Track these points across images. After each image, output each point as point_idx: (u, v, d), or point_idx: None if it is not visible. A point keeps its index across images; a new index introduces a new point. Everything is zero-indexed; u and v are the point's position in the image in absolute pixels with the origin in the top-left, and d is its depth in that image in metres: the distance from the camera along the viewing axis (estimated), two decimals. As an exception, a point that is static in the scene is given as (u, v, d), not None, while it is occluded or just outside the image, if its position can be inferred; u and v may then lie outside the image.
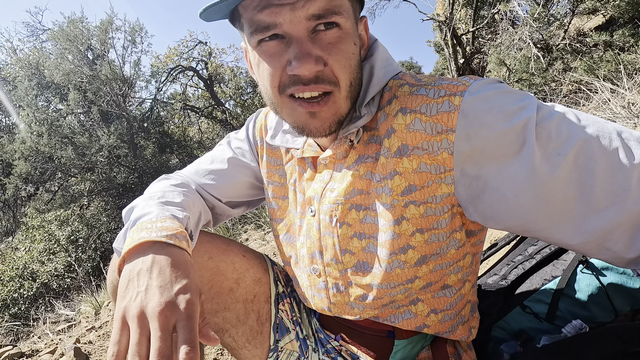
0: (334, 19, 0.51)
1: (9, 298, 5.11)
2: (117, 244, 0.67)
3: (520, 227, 0.53)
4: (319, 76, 0.53)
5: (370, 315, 0.68)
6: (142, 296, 0.48)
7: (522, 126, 0.49)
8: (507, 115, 0.49)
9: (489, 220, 0.55)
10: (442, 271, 0.64)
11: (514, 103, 0.50)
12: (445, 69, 12.21)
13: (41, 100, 9.58)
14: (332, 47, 0.53)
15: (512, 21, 7.30)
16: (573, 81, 5.12)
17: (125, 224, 0.68)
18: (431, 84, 0.55)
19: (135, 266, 0.52)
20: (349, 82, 0.55)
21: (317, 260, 0.69)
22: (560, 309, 0.81)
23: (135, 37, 10.25)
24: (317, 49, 0.52)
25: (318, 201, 0.66)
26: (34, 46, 10.52)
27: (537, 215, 0.51)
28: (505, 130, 0.49)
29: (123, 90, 9.71)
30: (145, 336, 0.46)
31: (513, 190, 0.50)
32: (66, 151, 8.87)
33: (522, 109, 0.50)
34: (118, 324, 0.47)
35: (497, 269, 0.99)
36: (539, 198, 0.49)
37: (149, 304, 0.47)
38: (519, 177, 0.50)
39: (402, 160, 0.56)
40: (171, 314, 0.47)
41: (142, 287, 0.49)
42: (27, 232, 6.77)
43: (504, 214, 0.53)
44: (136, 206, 0.67)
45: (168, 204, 0.66)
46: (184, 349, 0.44)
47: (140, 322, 0.46)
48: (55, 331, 2.86)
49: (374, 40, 0.64)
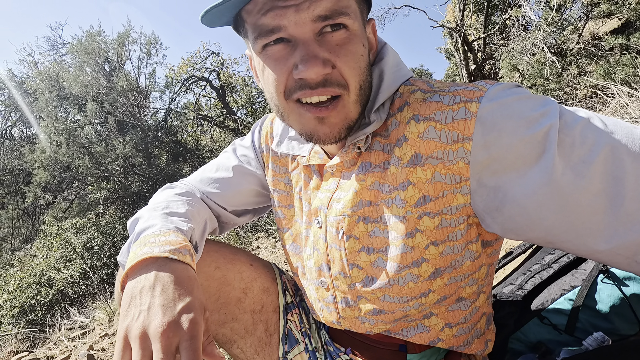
0: (341, 20, 0.50)
1: (27, 304, 5.21)
2: (121, 258, 0.66)
3: (543, 239, 0.50)
4: (327, 79, 0.51)
5: (381, 330, 0.66)
6: (144, 315, 0.47)
7: (543, 134, 0.46)
8: (528, 122, 0.47)
9: (509, 232, 0.52)
10: (457, 284, 0.61)
11: (534, 109, 0.48)
12: (457, 75, 12.13)
13: (60, 111, 9.88)
14: (340, 48, 0.51)
15: (524, 26, 7.22)
16: (589, 86, 5.01)
17: (130, 235, 0.67)
18: (445, 90, 0.53)
19: (137, 283, 0.51)
20: (359, 85, 0.53)
21: (324, 273, 0.67)
22: (580, 320, 0.78)
23: (151, 49, 10.52)
24: (324, 51, 0.50)
25: (324, 212, 0.64)
26: (54, 59, 10.90)
27: (562, 228, 0.48)
28: (526, 138, 0.47)
29: (138, 100, 9.95)
30: (148, 357, 0.45)
31: (534, 201, 0.48)
32: (83, 160, 9.10)
33: (543, 115, 0.47)
34: (120, 344, 0.47)
35: (513, 279, 0.96)
36: (563, 209, 0.47)
37: (151, 324, 0.46)
38: (540, 187, 0.47)
39: (415, 169, 0.54)
40: (174, 334, 0.46)
41: (145, 305, 0.49)
42: (45, 239, 6.93)
43: (525, 226, 0.50)
44: (140, 217, 0.67)
45: (172, 214, 0.66)
46: None
47: (143, 343, 0.46)
48: (70, 338, 2.90)
49: (383, 44, 0.63)
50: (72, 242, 6.61)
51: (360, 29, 0.53)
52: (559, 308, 0.82)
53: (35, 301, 5.28)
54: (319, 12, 0.48)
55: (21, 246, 10.84)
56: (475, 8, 8.28)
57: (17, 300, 5.24)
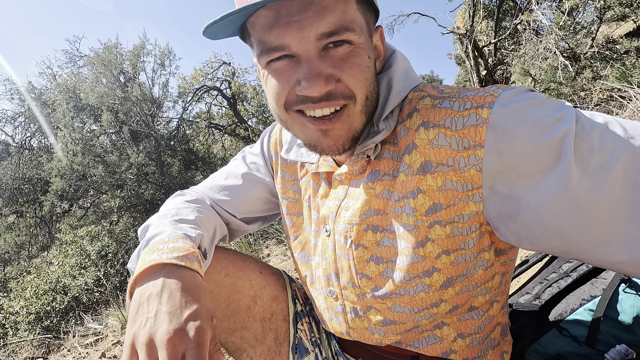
0: (346, 37, 0.49)
1: (42, 311, 5.30)
2: (131, 265, 0.67)
3: (560, 248, 0.48)
4: (332, 93, 0.50)
5: (392, 341, 0.64)
6: (151, 322, 0.47)
7: (559, 140, 0.44)
8: (542, 128, 0.45)
9: (524, 241, 0.50)
10: (469, 293, 0.60)
11: (549, 114, 0.46)
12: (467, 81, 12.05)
13: (77, 122, 10.15)
14: (344, 62, 0.50)
15: (535, 31, 7.15)
16: (604, 89, 4.91)
17: (140, 242, 0.68)
18: (455, 96, 0.52)
19: (145, 290, 0.52)
20: (365, 96, 0.53)
21: (333, 283, 0.66)
22: (601, 332, 0.75)
23: (165, 61, 10.77)
24: (328, 66, 0.49)
25: (333, 220, 0.63)
26: (72, 72, 11.25)
27: (579, 237, 0.46)
28: (540, 144, 0.45)
29: (152, 110, 10.16)
30: None
31: (550, 209, 0.46)
32: (98, 169, 9.31)
33: (558, 120, 0.45)
34: (127, 351, 0.47)
35: (529, 288, 0.93)
36: (580, 218, 0.45)
37: (158, 331, 0.46)
38: (556, 195, 0.45)
39: (425, 177, 0.53)
40: (180, 342, 0.46)
41: (152, 312, 0.49)
42: (60, 247, 7.07)
43: (540, 235, 0.48)
44: (150, 225, 0.67)
45: (181, 221, 0.66)
46: None
47: (149, 350, 0.46)
48: (83, 344, 2.93)
49: (392, 51, 0.62)
50: (87, 250, 6.73)
51: (366, 41, 0.52)
52: (578, 319, 0.79)
53: (50, 308, 5.37)
54: (323, 30, 0.47)
55: (38, 253, 11.09)
56: (486, 14, 8.24)
57: (33, 307, 5.34)
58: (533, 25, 7.00)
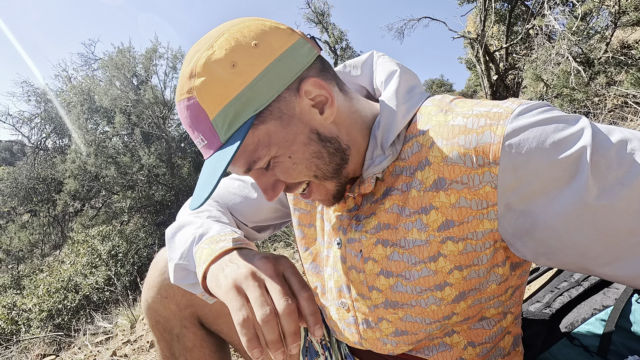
0: (258, 166, 0.53)
1: (54, 309, 5.40)
2: (181, 260, 0.66)
3: (577, 264, 0.48)
4: (288, 186, 0.57)
5: (404, 351, 0.65)
6: (245, 264, 0.51)
7: (576, 156, 0.44)
8: (558, 145, 0.44)
9: (541, 257, 0.50)
10: (481, 305, 0.60)
11: (565, 130, 0.45)
12: (478, 85, 11.97)
13: (90, 123, 10.38)
14: (276, 172, 0.54)
15: (548, 36, 7.08)
16: (619, 95, 4.83)
17: (167, 243, 0.69)
18: (468, 112, 0.51)
19: (222, 261, 0.55)
20: (315, 175, 0.56)
21: (345, 295, 0.66)
22: (614, 342, 0.74)
23: (176, 64, 10.95)
24: (270, 176, 0.56)
25: (344, 233, 0.64)
26: (87, 74, 11.51)
27: (596, 251, 0.46)
28: (557, 161, 0.44)
29: (163, 113, 10.33)
30: (265, 288, 0.47)
31: (567, 225, 0.45)
32: (110, 170, 9.48)
33: (575, 136, 0.44)
34: (233, 292, 0.48)
35: (540, 296, 0.93)
36: (598, 233, 0.44)
37: (255, 264, 0.50)
38: (573, 211, 0.45)
39: (438, 194, 0.52)
40: (278, 264, 0.50)
41: (239, 262, 0.52)
42: (72, 246, 7.21)
43: (558, 251, 0.48)
44: (189, 223, 0.69)
45: (220, 221, 0.70)
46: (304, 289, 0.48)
47: (255, 278, 0.48)
48: (93, 343, 2.97)
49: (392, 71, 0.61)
50: (98, 249, 6.85)
51: (285, 141, 0.52)
52: (590, 329, 0.78)
53: (62, 306, 5.47)
54: (241, 171, 0.54)
55: (50, 252, 11.31)
56: (497, 18, 8.20)
57: (46, 304, 5.44)
58: (545, 30, 6.93)
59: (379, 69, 0.64)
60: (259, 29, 0.50)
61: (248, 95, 0.48)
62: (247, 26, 0.50)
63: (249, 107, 0.48)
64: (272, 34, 0.50)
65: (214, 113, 0.48)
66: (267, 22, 0.52)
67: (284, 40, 0.50)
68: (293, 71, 0.50)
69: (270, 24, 0.52)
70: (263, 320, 0.45)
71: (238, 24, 0.51)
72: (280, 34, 0.51)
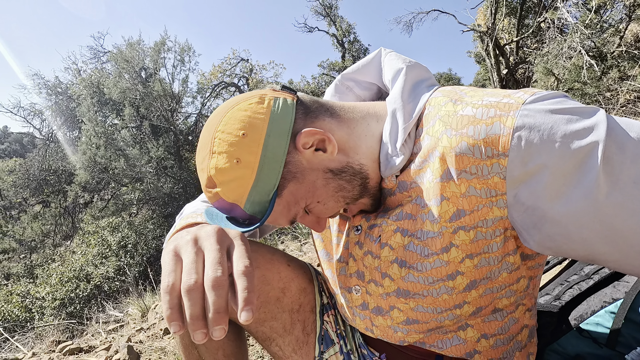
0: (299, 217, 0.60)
1: (67, 297, 5.53)
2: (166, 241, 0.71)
3: (584, 257, 0.48)
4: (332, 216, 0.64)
5: (415, 340, 0.65)
6: (193, 232, 0.47)
7: (587, 150, 0.42)
8: (570, 138, 0.43)
9: (546, 250, 0.50)
10: (492, 295, 0.60)
11: (579, 123, 0.43)
12: (487, 80, 11.81)
13: (100, 116, 10.47)
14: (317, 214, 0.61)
15: (560, 29, 6.95)
16: (631, 90, 4.75)
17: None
18: (478, 103, 0.50)
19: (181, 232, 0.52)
20: (348, 201, 0.60)
21: (358, 280, 0.67)
22: (623, 334, 0.76)
23: (184, 57, 10.97)
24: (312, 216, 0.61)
25: (367, 220, 0.64)
26: (96, 67, 11.59)
27: (605, 248, 0.45)
28: (567, 154, 0.43)
29: (171, 105, 10.38)
30: (201, 256, 0.43)
31: (575, 222, 0.45)
32: (119, 162, 9.59)
33: (588, 130, 0.43)
34: (170, 255, 0.44)
35: (549, 289, 0.94)
36: (608, 231, 0.44)
37: (202, 231, 0.47)
38: (582, 208, 0.44)
39: (448, 184, 0.52)
40: (225, 236, 0.46)
41: (192, 230, 0.49)
42: (83, 237, 7.33)
43: (564, 245, 0.48)
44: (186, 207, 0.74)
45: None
46: (243, 261, 0.42)
47: (195, 244, 0.44)
48: (106, 330, 3.05)
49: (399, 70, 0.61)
50: (108, 240, 6.95)
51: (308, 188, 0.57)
52: (599, 321, 0.80)
53: (74, 295, 5.59)
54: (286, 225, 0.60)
55: (62, 242, 11.52)
56: (508, 11, 8.05)
57: (58, 293, 5.56)
58: (557, 24, 6.80)
59: (386, 67, 0.64)
60: (239, 118, 0.53)
61: (262, 178, 0.53)
62: (229, 120, 0.53)
63: (267, 186, 0.53)
64: (250, 116, 0.53)
65: (242, 204, 0.54)
66: (242, 103, 0.54)
67: (263, 113, 0.53)
68: (285, 135, 0.53)
69: (244, 105, 0.54)
70: (185, 289, 0.39)
71: (220, 121, 0.54)
72: (256, 110, 0.53)
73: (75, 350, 2.05)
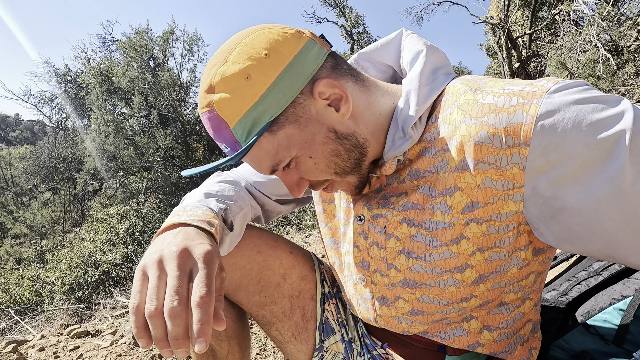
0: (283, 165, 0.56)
1: (75, 283, 5.64)
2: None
3: (602, 251, 0.47)
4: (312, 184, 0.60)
5: (418, 331, 0.65)
6: (162, 247, 0.48)
7: (613, 140, 0.41)
8: (595, 127, 0.42)
9: (564, 243, 0.49)
10: (501, 289, 0.59)
11: (604, 111, 0.42)
12: (498, 73, 11.60)
13: (109, 104, 10.55)
14: (299, 171, 0.57)
15: (575, 22, 6.78)
16: (648, 86, 4.62)
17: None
18: (499, 91, 0.48)
19: (162, 236, 0.53)
20: (335, 172, 0.58)
21: (363, 270, 0.67)
22: (631, 332, 0.74)
23: (193, 47, 10.95)
24: (294, 174, 0.58)
25: (369, 209, 0.64)
26: (105, 56, 11.64)
27: (627, 240, 0.44)
28: (592, 144, 0.42)
29: (179, 95, 10.41)
30: (164, 281, 0.45)
31: (597, 212, 0.44)
32: (128, 151, 9.69)
33: (614, 118, 0.42)
34: (139, 275, 0.46)
35: (556, 284, 0.93)
36: (631, 221, 0.43)
37: (166, 249, 0.48)
38: (605, 197, 0.43)
39: (464, 174, 0.51)
40: (188, 257, 0.47)
41: (165, 243, 0.50)
42: (92, 224, 7.45)
43: (584, 237, 0.46)
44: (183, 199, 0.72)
45: (208, 195, 0.69)
46: (200, 290, 0.43)
47: (160, 267, 0.46)
48: (113, 315, 3.11)
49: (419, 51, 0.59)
50: (116, 228, 7.06)
51: (305, 141, 0.54)
52: (607, 318, 0.78)
53: (83, 280, 5.70)
54: (267, 172, 0.57)
55: (71, 229, 11.74)
56: (522, 3, 7.87)
57: (68, 278, 5.68)
58: (573, 16, 6.63)
59: (406, 48, 0.63)
60: (268, 39, 0.51)
61: (263, 104, 0.50)
62: (257, 37, 0.52)
63: (265, 115, 0.51)
64: (281, 42, 0.51)
65: (233, 123, 0.51)
66: (276, 29, 0.53)
67: (293, 45, 0.51)
68: (305, 75, 0.52)
69: (278, 30, 0.53)
70: (147, 315, 0.43)
71: (248, 35, 0.52)
72: (288, 39, 0.52)
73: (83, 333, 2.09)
